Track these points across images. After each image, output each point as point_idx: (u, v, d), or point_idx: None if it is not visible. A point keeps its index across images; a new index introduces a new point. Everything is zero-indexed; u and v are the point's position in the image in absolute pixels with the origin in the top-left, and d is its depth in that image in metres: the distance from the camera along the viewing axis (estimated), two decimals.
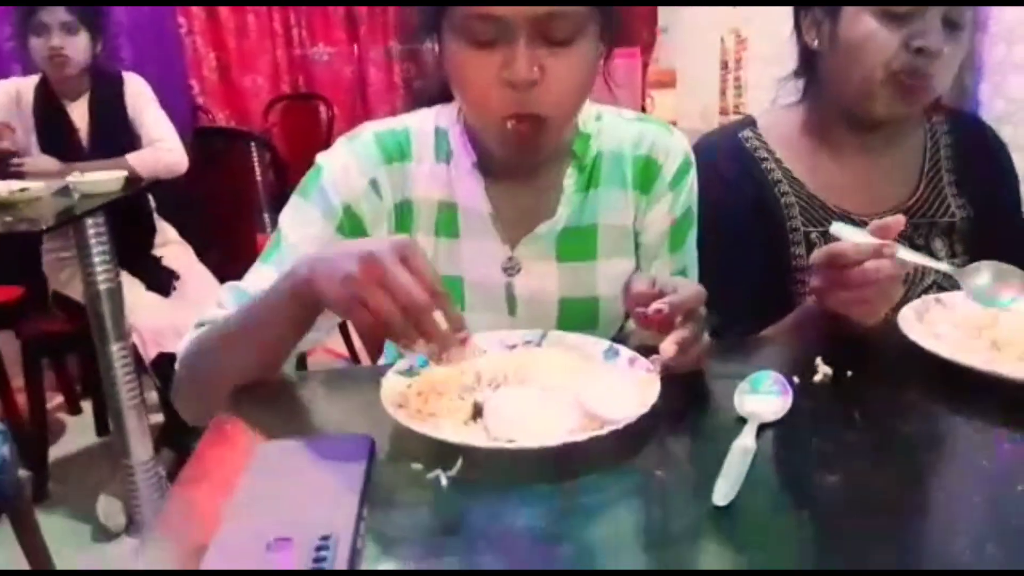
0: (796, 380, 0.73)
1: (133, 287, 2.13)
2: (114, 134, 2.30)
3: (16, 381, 2.28)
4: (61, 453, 2.42)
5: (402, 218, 0.91)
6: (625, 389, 0.68)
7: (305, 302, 0.71)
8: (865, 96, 0.96)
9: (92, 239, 1.82)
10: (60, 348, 2.43)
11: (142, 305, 2.10)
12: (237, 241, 2.58)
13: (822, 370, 0.75)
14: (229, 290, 0.87)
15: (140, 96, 2.35)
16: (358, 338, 1.31)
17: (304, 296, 0.70)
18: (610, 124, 0.94)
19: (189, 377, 0.83)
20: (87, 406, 2.60)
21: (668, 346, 0.68)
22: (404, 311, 0.62)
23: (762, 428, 0.65)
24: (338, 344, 2.73)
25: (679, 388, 0.71)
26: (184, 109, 2.92)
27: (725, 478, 0.57)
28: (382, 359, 1.10)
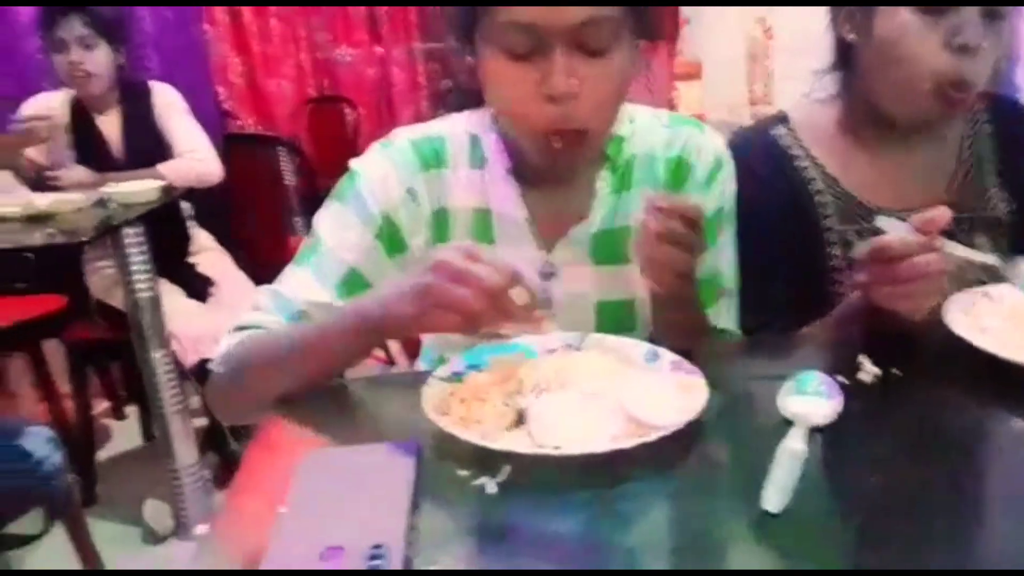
0: (842, 380, 0.72)
1: (171, 294, 2.17)
2: (146, 145, 2.32)
3: (63, 388, 2.33)
4: (107, 457, 2.47)
5: (439, 225, 0.92)
6: (668, 393, 0.68)
7: (373, 340, 0.78)
8: (905, 99, 0.94)
9: (131, 248, 1.86)
10: (104, 355, 2.48)
11: (180, 312, 2.13)
12: (268, 245, 2.61)
13: (869, 369, 0.74)
14: (268, 294, 0.88)
15: (169, 106, 2.37)
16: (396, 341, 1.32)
17: (373, 334, 0.75)
18: (643, 126, 0.93)
19: (230, 381, 0.84)
20: (132, 411, 2.65)
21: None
22: (486, 294, 0.65)
23: (811, 431, 0.64)
24: None
25: (720, 390, 0.71)
26: (212, 116, 2.96)
27: (775, 484, 0.56)
28: (419, 362, 1.11)
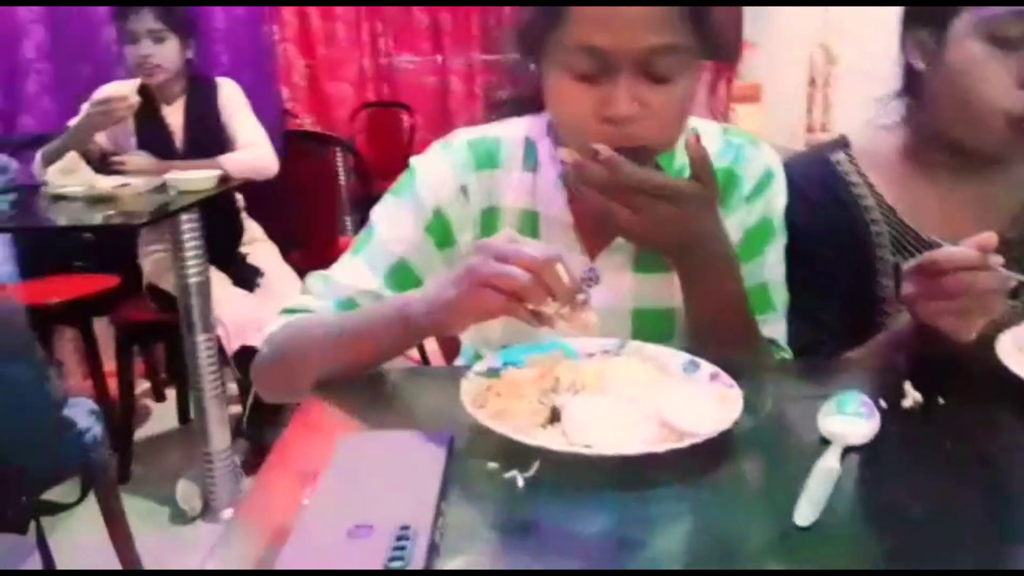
0: (883, 404, 0.71)
1: (220, 282, 2.22)
2: (207, 137, 2.39)
3: (108, 366, 2.40)
4: (145, 437, 2.54)
5: (488, 224, 0.93)
6: (705, 403, 0.67)
7: (417, 331, 0.78)
8: (975, 129, 0.91)
9: (186, 234, 1.91)
10: (150, 336, 2.55)
11: (228, 299, 2.18)
12: (319, 242, 2.66)
13: (911, 395, 0.72)
14: (319, 279, 0.91)
15: (233, 101, 2.44)
16: (436, 340, 1.33)
17: (417, 325, 0.75)
18: (699, 132, 0.93)
19: (278, 359, 0.87)
20: (171, 394, 2.72)
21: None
22: (530, 269, 0.66)
23: (847, 451, 0.63)
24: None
25: (759, 406, 0.70)
26: (274, 114, 3.03)
27: (808, 498, 0.55)
28: (458, 361, 1.11)
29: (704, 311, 0.86)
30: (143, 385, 2.77)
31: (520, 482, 0.60)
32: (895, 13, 1.01)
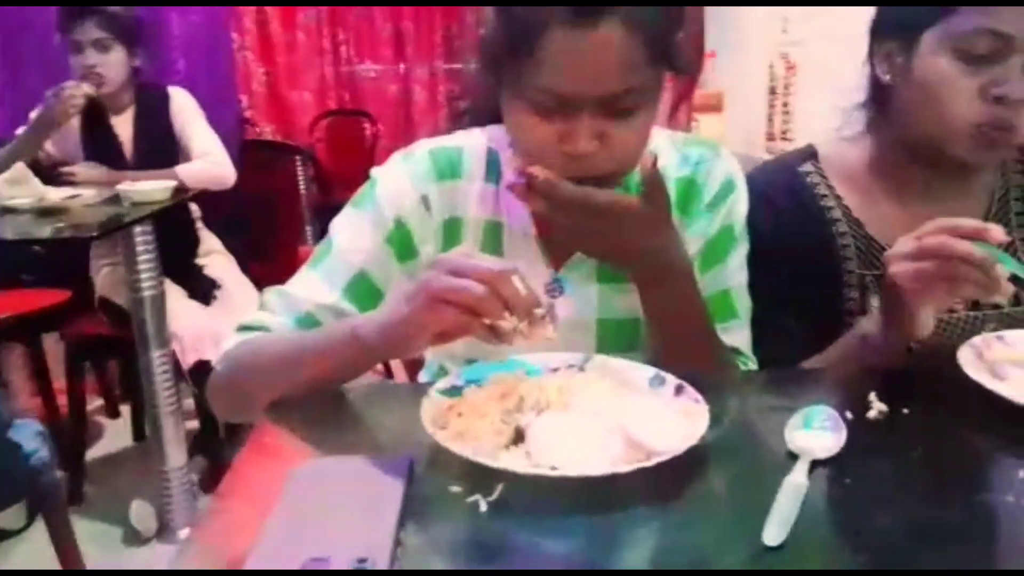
0: (849, 415, 0.70)
1: (175, 295, 2.17)
2: (158, 147, 2.33)
3: (58, 383, 2.32)
4: (98, 456, 2.46)
5: (450, 235, 0.91)
6: (671, 419, 0.66)
7: (373, 353, 0.75)
8: (941, 140, 0.91)
9: (139, 246, 1.86)
10: (103, 352, 2.48)
11: (183, 312, 2.12)
12: (279, 253, 2.61)
13: (877, 406, 0.72)
14: (276, 294, 0.89)
15: (186, 111, 2.37)
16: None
17: (373, 345, 0.72)
18: (657, 148, 0.92)
19: (231, 378, 0.85)
20: (125, 410, 2.64)
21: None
22: (485, 282, 0.64)
23: (814, 465, 0.63)
24: None
25: (726, 420, 0.69)
26: (233, 122, 2.98)
27: (777, 516, 0.54)
28: (421, 374, 1.09)
29: (662, 323, 0.85)
30: (96, 402, 2.69)
31: (483, 506, 0.58)
32: (853, 23, 1.02)
